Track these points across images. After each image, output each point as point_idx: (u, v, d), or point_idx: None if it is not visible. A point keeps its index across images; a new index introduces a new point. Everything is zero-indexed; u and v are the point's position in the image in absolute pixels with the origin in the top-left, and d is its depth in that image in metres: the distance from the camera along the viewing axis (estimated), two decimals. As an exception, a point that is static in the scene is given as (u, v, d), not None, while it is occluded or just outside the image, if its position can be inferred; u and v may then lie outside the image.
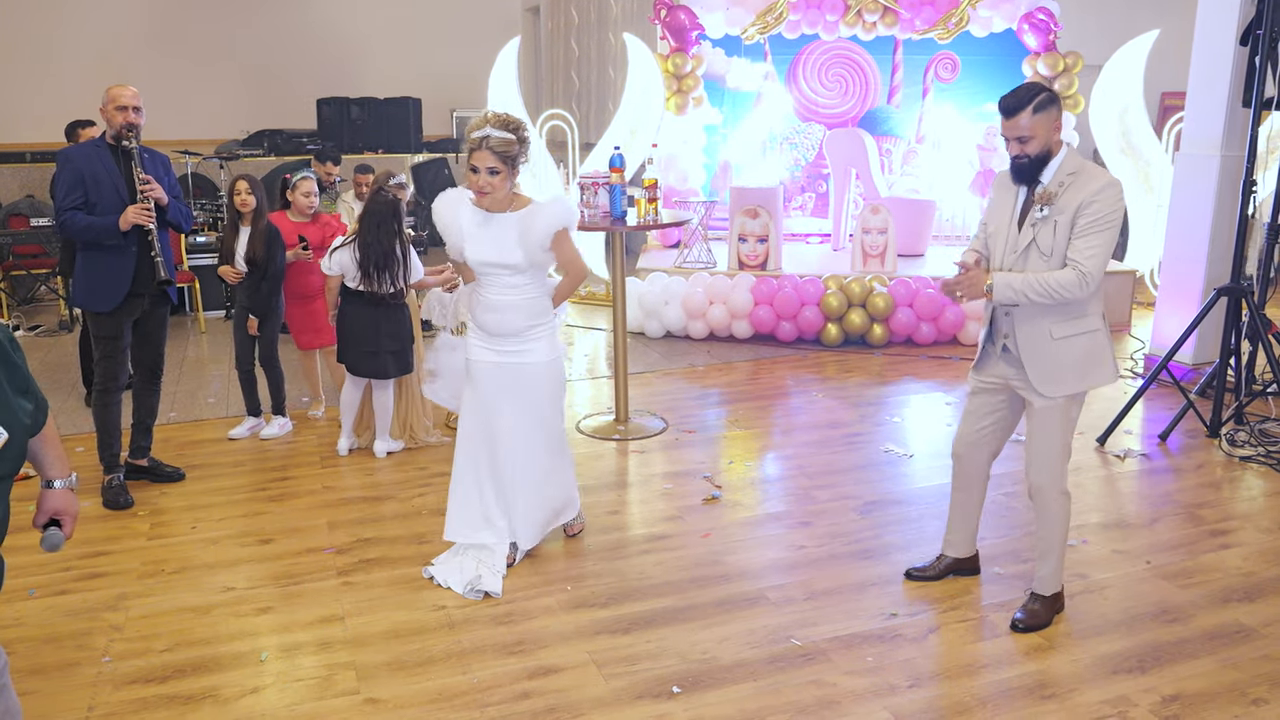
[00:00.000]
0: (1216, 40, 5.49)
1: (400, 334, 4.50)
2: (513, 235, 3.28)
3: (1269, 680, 2.81)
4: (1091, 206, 2.79)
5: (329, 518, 3.93)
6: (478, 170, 3.22)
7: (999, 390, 3.11)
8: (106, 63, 10.64)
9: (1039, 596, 3.13)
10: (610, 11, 9.98)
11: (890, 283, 6.58)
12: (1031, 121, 2.81)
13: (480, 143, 3.20)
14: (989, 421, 3.16)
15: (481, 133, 3.21)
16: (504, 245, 3.28)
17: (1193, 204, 5.64)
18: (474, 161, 3.23)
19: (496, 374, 3.41)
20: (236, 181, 4.70)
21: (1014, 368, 3.02)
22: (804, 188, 8.55)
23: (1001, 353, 3.05)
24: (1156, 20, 8.04)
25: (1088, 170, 2.87)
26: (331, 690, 2.77)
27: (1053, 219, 2.85)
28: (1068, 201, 2.83)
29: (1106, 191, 2.80)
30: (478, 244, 3.30)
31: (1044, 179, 2.89)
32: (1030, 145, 2.84)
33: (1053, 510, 3.04)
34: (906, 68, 8.36)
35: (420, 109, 11.17)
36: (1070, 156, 2.89)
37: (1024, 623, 3.07)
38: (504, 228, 3.29)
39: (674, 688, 2.78)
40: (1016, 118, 2.82)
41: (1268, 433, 4.85)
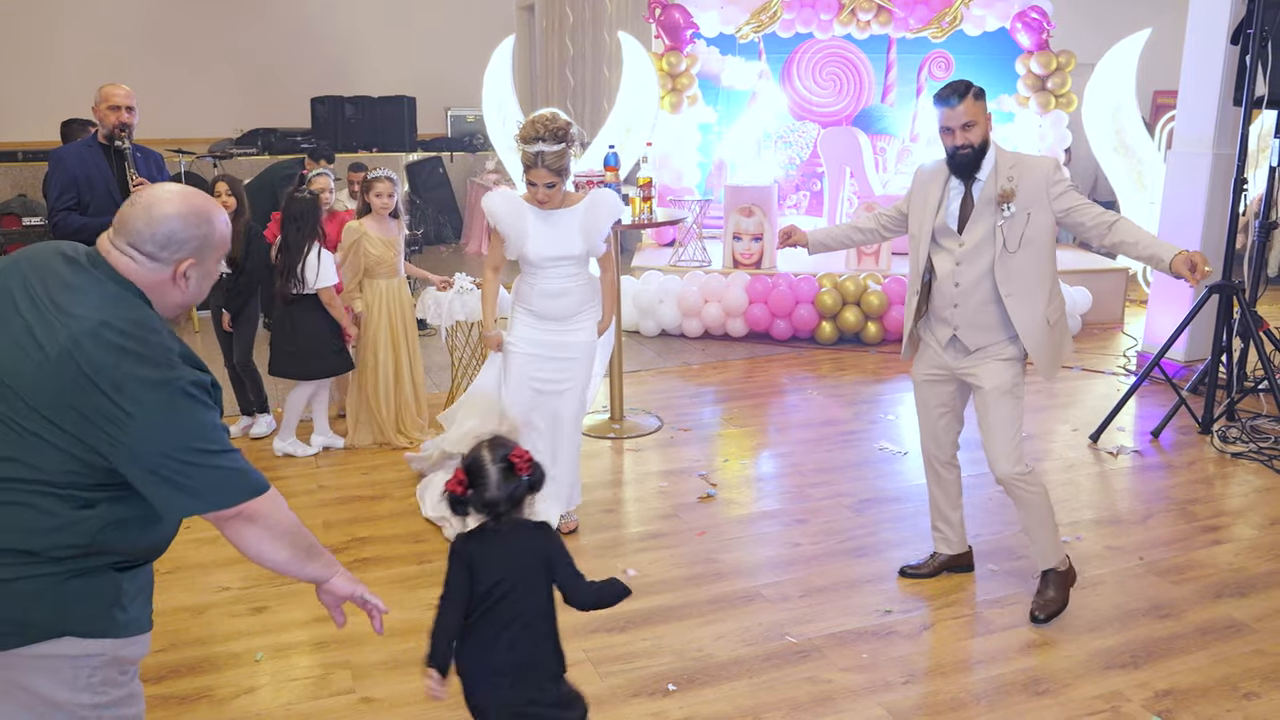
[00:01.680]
0: (1208, 39, 5.51)
1: (314, 334, 4.45)
2: (575, 228, 3.49)
3: (1260, 675, 2.83)
4: (1061, 181, 2.94)
5: (324, 517, 3.93)
6: (535, 185, 3.37)
7: (946, 380, 3.18)
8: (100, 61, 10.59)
9: (1049, 578, 3.14)
10: (605, 10, 9.98)
11: (884, 280, 6.60)
12: (974, 107, 2.91)
13: (536, 159, 3.32)
14: (943, 412, 3.23)
15: (535, 149, 3.30)
16: (567, 239, 3.48)
17: (1185, 202, 5.66)
18: (531, 178, 3.37)
19: (544, 351, 3.58)
20: (216, 183, 4.60)
21: (960, 356, 3.10)
22: (798, 186, 8.56)
23: (948, 343, 3.11)
24: (1149, 19, 8.06)
25: (1025, 159, 3.00)
26: (327, 689, 2.77)
27: (1022, 213, 2.93)
28: (1027, 191, 2.93)
29: (1056, 172, 2.98)
30: (541, 241, 3.46)
31: (981, 176, 2.97)
32: (973, 132, 2.93)
33: (1027, 495, 3.06)
34: (900, 66, 8.38)
35: (415, 108, 11.15)
36: (1003, 152, 3.00)
37: (1043, 613, 3.09)
38: (566, 223, 3.48)
39: (669, 685, 2.78)
40: (959, 105, 2.91)
41: (1259, 429, 4.88)
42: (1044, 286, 2.99)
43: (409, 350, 4.74)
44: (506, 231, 3.47)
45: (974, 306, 3.03)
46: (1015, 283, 2.96)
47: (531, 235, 3.45)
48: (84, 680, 1.67)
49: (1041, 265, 2.99)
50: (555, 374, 3.60)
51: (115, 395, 1.55)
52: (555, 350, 3.59)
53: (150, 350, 1.59)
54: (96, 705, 1.68)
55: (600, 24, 10.07)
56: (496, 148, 8.46)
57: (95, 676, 1.68)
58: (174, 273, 1.68)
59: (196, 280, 1.72)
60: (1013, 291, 2.97)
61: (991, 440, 3.05)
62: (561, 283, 3.53)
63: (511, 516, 2.01)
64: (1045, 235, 2.98)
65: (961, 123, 2.92)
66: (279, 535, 1.71)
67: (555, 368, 3.60)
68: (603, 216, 3.51)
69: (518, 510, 2.02)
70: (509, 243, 3.48)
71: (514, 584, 2.00)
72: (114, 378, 1.55)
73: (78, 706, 1.67)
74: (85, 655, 1.67)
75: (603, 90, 9.84)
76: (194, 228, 1.68)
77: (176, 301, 1.72)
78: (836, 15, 7.58)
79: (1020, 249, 2.94)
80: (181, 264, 1.68)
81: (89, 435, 1.56)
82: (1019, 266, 2.95)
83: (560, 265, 3.51)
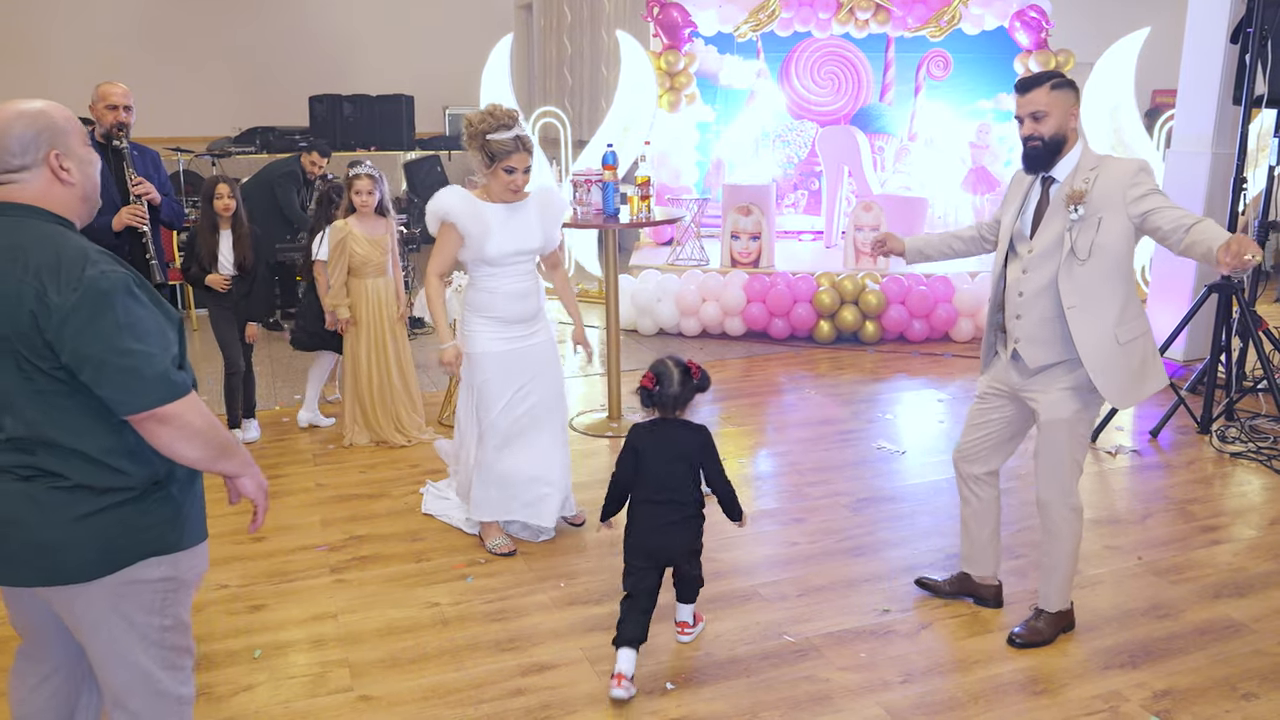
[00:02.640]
0: (1207, 38, 5.51)
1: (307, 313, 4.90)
2: (533, 220, 3.42)
3: (1259, 675, 2.83)
4: (1140, 183, 2.64)
5: (322, 515, 3.92)
6: (514, 171, 3.30)
7: (1005, 397, 2.95)
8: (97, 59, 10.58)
9: (1043, 613, 2.99)
10: (603, 9, 9.97)
11: (882, 280, 6.59)
12: (1048, 98, 2.70)
13: (518, 144, 3.27)
14: (988, 431, 3.00)
15: (513, 134, 3.26)
16: (526, 233, 3.41)
17: (1184, 201, 5.63)
18: (513, 163, 3.29)
19: (522, 357, 3.49)
20: (217, 185, 4.47)
21: (1025, 376, 2.86)
22: (796, 185, 8.56)
23: (1011, 359, 2.88)
24: (1148, 18, 8.06)
25: (1110, 161, 2.72)
26: (325, 687, 2.77)
27: (1093, 217, 2.67)
28: (1102, 193, 2.67)
29: (1140, 174, 2.67)
30: (503, 238, 3.37)
31: (1058, 174, 2.77)
32: (1045, 124, 2.71)
33: (1060, 527, 2.89)
34: (899, 65, 8.37)
35: (413, 106, 11.13)
36: (1088, 153, 2.76)
37: (1021, 638, 2.94)
38: (525, 216, 3.41)
39: (667, 684, 2.78)
40: (1032, 93, 2.72)
41: (1258, 429, 4.88)
42: (1115, 300, 2.70)
43: (398, 349, 4.72)
44: (467, 229, 3.30)
45: (1036, 319, 2.79)
46: (1081, 294, 2.70)
47: (494, 233, 3.33)
48: (158, 603, 1.86)
49: (1113, 277, 2.70)
50: (533, 380, 3.50)
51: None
52: (525, 358, 3.48)
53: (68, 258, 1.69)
54: (164, 628, 1.88)
55: (598, 23, 10.06)
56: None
57: (167, 599, 1.87)
58: (50, 169, 1.77)
59: (77, 166, 1.80)
60: (1077, 304, 2.70)
61: (1041, 466, 2.87)
62: (523, 281, 3.44)
63: (679, 413, 2.78)
64: (1120, 243, 2.68)
65: (1030, 111, 2.71)
66: (191, 436, 1.78)
67: (532, 374, 3.50)
68: (555, 211, 3.49)
69: (685, 409, 2.79)
70: (468, 242, 3.33)
71: (673, 464, 2.76)
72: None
73: (150, 629, 1.86)
74: (162, 579, 1.85)
75: (601, 89, 9.83)
76: (35, 121, 1.76)
77: (76, 197, 1.82)
78: (835, 14, 7.57)
79: (1091, 257, 2.67)
80: (49, 156, 1.76)
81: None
82: (1086, 276, 2.69)
83: (521, 261, 3.42)
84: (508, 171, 3.29)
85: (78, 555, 1.76)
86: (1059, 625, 3.00)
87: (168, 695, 1.92)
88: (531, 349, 3.50)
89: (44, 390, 1.71)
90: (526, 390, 3.51)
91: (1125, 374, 2.75)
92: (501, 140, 3.25)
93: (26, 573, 1.77)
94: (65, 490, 1.74)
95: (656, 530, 2.76)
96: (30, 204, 1.76)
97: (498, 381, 3.47)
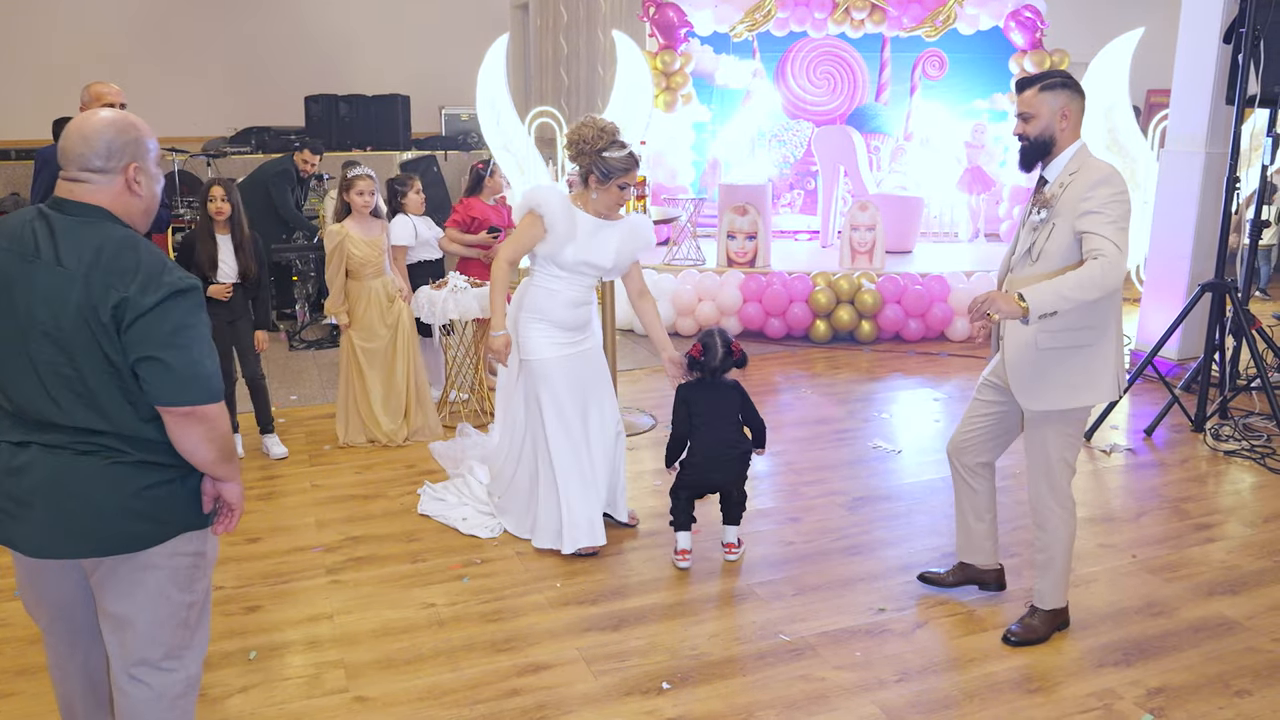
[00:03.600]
0: (1200, 38, 5.53)
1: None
2: (614, 242, 3.47)
3: (1252, 672, 2.84)
4: (1091, 197, 2.61)
5: (317, 516, 3.92)
6: (628, 187, 3.41)
7: (1001, 390, 2.96)
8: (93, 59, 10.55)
9: (1038, 610, 3.00)
10: (599, 9, 9.97)
11: (878, 279, 6.60)
12: (1036, 99, 2.71)
13: (632, 161, 3.37)
14: (982, 424, 3.03)
15: (629, 151, 3.36)
16: (605, 250, 3.45)
17: (1177, 200, 5.68)
18: (628, 180, 3.39)
19: (579, 363, 3.54)
20: (211, 187, 4.24)
21: None
22: (792, 185, 8.57)
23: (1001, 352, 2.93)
24: (1141, 18, 8.08)
25: (1089, 166, 2.69)
26: (320, 689, 2.77)
27: (1051, 222, 2.69)
28: (1066, 202, 2.67)
29: (1100, 185, 2.62)
30: (585, 247, 3.41)
31: (1049, 176, 2.77)
32: (1031, 125, 2.73)
33: (1050, 525, 2.90)
34: (894, 65, 8.39)
35: (409, 106, 11.12)
36: (1079, 155, 2.72)
37: (1017, 635, 2.96)
38: (610, 234, 3.46)
39: (663, 684, 2.78)
40: (1024, 93, 2.75)
41: (1251, 427, 4.89)
42: None
43: (407, 349, 4.70)
44: (554, 225, 3.35)
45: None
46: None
47: (580, 238, 3.39)
48: (187, 578, 2.03)
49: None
50: (592, 388, 3.57)
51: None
52: (578, 362, 3.54)
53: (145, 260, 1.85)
54: (189, 604, 2.05)
55: (594, 22, 10.06)
56: (491, 146, 8.44)
57: (195, 573, 2.05)
58: (126, 179, 1.90)
59: (147, 182, 1.94)
60: None
61: (1031, 463, 2.90)
62: (585, 293, 3.52)
63: (720, 376, 3.42)
64: (1065, 251, 2.66)
65: (1020, 110, 2.75)
66: (215, 438, 1.93)
67: (592, 383, 3.57)
68: (640, 242, 3.54)
69: (725, 374, 3.42)
70: (551, 238, 3.36)
71: (722, 412, 3.43)
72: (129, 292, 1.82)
73: (179, 605, 2.02)
74: (194, 553, 2.03)
75: (597, 89, 9.83)
76: (125, 132, 1.90)
77: (140, 209, 1.95)
78: (830, 14, 7.58)
79: (1039, 261, 2.70)
80: (129, 168, 1.90)
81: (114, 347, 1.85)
82: (1033, 279, 2.69)
83: (588, 275, 3.48)
84: (621, 188, 3.39)
85: (136, 526, 1.92)
86: (1054, 623, 3.01)
87: (179, 670, 2.06)
88: (585, 354, 3.56)
89: (111, 377, 1.85)
90: (585, 398, 3.56)
91: (1037, 377, 2.76)
92: (618, 158, 3.35)
93: (87, 544, 1.91)
94: (130, 465, 1.90)
95: (718, 466, 3.42)
96: (104, 207, 1.89)
97: (565, 392, 3.50)
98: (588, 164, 3.39)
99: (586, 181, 3.42)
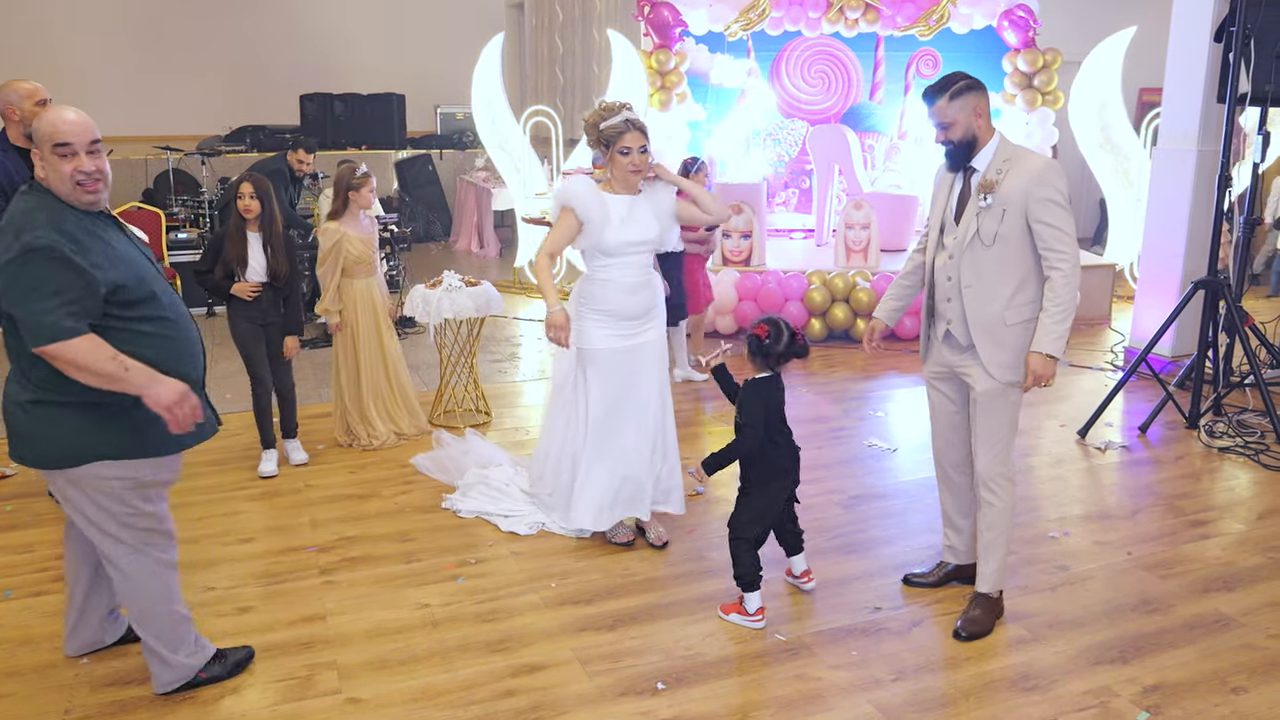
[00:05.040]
0: (1192, 37, 5.54)
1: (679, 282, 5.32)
2: (648, 212, 3.46)
3: (1248, 669, 2.84)
4: (1040, 196, 2.79)
5: (311, 516, 3.91)
6: (629, 151, 3.37)
7: (948, 379, 3.10)
8: (87, 58, 10.53)
9: (981, 599, 3.05)
10: (594, 7, 9.96)
11: (873, 278, 6.60)
12: (949, 107, 2.85)
13: (629, 125, 3.37)
14: (952, 410, 3.13)
15: (624, 116, 3.36)
16: (644, 223, 3.44)
17: (1170, 198, 5.69)
18: (627, 143, 3.37)
19: (634, 357, 3.49)
20: (240, 184, 4.09)
21: (956, 353, 3.01)
22: (787, 183, 8.57)
23: (944, 339, 3.04)
24: (1134, 17, 8.10)
25: (1022, 155, 2.88)
26: (313, 690, 2.75)
27: (998, 208, 2.84)
28: (1009, 188, 2.83)
29: (1047, 174, 2.81)
30: (624, 228, 3.41)
31: (978, 166, 2.90)
32: (952, 131, 2.88)
33: (1001, 498, 2.98)
34: (888, 64, 8.39)
35: (404, 105, 11.11)
36: (1004, 144, 2.90)
37: (966, 630, 2.99)
38: (642, 206, 3.46)
39: (658, 684, 2.77)
40: (935, 104, 2.88)
41: (1245, 424, 4.90)
42: (1008, 285, 2.87)
43: (388, 348, 4.71)
44: (587, 215, 3.36)
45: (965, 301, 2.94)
46: (978, 275, 2.89)
47: (614, 223, 3.38)
48: (116, 494, 2.47)
49: (1010, 264, 2.86)
50: (636, 380, 3.51)
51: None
52: (636, 355, 3.49)
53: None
54: (129, 514, 2.51)
55: (590, 22, 10.05)
56: (486, 145, 8.43)
57: (125, 494, 2.48)
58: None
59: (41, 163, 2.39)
60: (973, 283, 2.90)
61: (978, 436, 3.00)
62: (639, 274, 3.46)
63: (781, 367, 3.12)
64: (1020, 235, 2.85)
65: (939, 121, 2.89)
66: (76, 370, 2.31)
67: (636, 373, 3.50)
68: (664, 195, 3.50)
69: (785, 363, 3.12)
70: (587, 229, 3.37)
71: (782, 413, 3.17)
72: None
73: (117, 512, 2.50)
74: (117, 478, 2.46)
75: (592, 87, 9.82)
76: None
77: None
78: (825, 13, 7.58)
79: (995, 244, 2.85)
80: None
81: None
82: (987, 260, 2.87)
83: (638, 253, 3.44)
84: (623, 153, 3.38)
85: (43, 447, 2.42)
86: (995, 611, 3.07)
87: (146, 558, 2.57)
88: (642, 347, 3.51)
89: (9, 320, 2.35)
90: (633, 390, 3.51)
91: (1008, 350, 2.91)
92: (613, 124, 3.37)
93: (25, 454, 2.45)
94: (32, 393, 2.38)
95: (795, 468, 3.17)
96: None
97: (608, 366, 3.48)
98: (593, 141, 3.45)
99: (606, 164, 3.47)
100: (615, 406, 3.52)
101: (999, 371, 2.92)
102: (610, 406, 3.52)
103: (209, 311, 7.36)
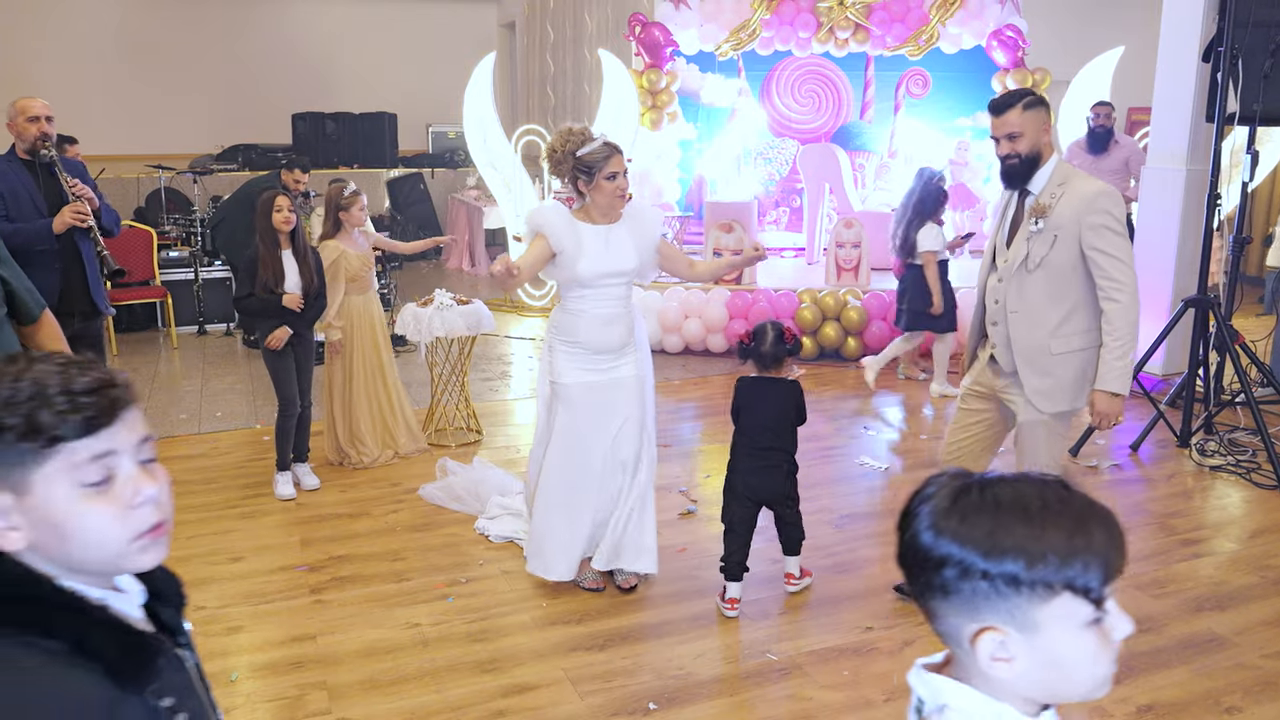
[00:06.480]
0: (1179, 57, 5.60)
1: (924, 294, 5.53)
2: (629, 240, 3.29)
3: (1241, 688, 2.84)
4: (1094, 222, 2.72)
5: (301, 535, 3.88)
6: (617, 175, 3.22)
7: (986, 398, 3.04)
8: (80, 77, 10.53)
9: None
10: (585, 28, 10.02)
11: (864, 296, 6.62)
12: (1021, 118, 2.80)
13: (611, 148, 3.22)
14: (973, 432, 3.09)
15: (603, 139, 3.23)
16: (621, 253, 3.27)
17: (1159, 217, 5.73)
18: (613, 168, 3.21)
19: (608, 393, 3.32)
20: (276, 198, 4.03)
21: (1002, 378, 2.96)
22: (778, 202, 8.60)
23: (989, 362, 3.00)
24: (1121, 37, 8.18)
25: (1077, 179, 2.82)
26: (303, 710, 2.73)
27: (1049, 233, 2.77)
28: (1062, 213, 2.76)
29: (1101, 199, 2.75)
30: (600, 258, 3.22)
31: (1034, 188, 2.85)
32: (1020, 143, 2.82)
33: None
34: (878, 84, 8.45)
35: (396, 124, 11.14)
36: (1060, 167, 2.85)
37: None
38: (621, 234, 3.29)
39: (650, 704, 2.75)
40: (1006, 114, 2.82)
41: (1237, 442, 4.91)
42: (1056, 311, 2.81)
43: (391, 364, 4.69)
44: (560, 245, 3.18)
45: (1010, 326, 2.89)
46: (1023, 302, 2.83)
47: (587, 253, 3.20)
48: None
49: (1059, 290, 2.80)
50: (606, 419, 3.32)
51: None
52: (608, 391, 3.31)
53: None
54: None
55: (581, 41, 10.11)
56: (477, 164, 8.45)
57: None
58: None
59: None
60: (1019, 310, 2.84)
61: (1026, 465, 2.94)
62: (614, 306, 3.28)
63: (773, 367, 3.19)
64: (1070, 262, 2.77)
65: (1005, 132, 2.82)
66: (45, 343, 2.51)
67: (606, 410, 3.31)
68: (649, 227, 3.36)
69: (777, 367, 3.20)
70: (561, 259, 3.20)
71: (775, 414, 3.23)
72: None
73: None
74: None
75: (583, 107, 9.86)
76: None
77: None
78: (815, 33, 7.64)
79: (1039, 269, 2.78)
80: None
81: None
82: (1033, 286, 2.81)
83: (614, 284, 3.27)
84: (610, 179, 3.20)
85: None
86: None
87: None
88: (616, 383, 3.32)
89: None
90: (598, 430, 3.31)
91: (1051, 380, 2.86)
92: (594, 150, 3.20)
93: None
94: None
95: (756, 471, 3.22)
96: None
97: (578, 417, 3.30)
98: (569, 171, 3.27)
99: (579, 191, 3.29)
100: (581, 444, 3.31)
101: (1040, 400, 2.86)
102: (574, 444, 3.31)
103: (200, 329, 7.34)
